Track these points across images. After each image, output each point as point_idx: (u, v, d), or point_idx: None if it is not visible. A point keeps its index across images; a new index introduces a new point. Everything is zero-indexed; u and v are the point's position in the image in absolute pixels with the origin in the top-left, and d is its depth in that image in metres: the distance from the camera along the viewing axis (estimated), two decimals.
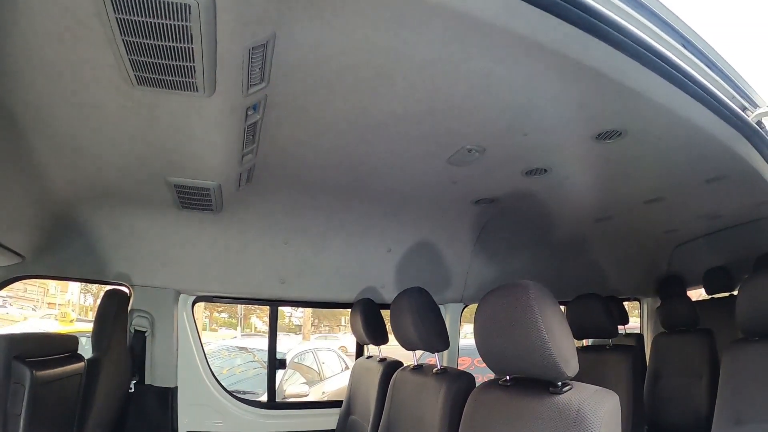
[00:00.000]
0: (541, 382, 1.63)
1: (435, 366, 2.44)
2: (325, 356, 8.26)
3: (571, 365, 1.54)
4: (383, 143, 2.47)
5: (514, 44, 1.63)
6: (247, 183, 2.75)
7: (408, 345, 2.57)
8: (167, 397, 3.32)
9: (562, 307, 3.65)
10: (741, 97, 2.07)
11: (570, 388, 1.57)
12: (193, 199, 2.76)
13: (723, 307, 4.69)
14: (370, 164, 2.73)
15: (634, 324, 6.02)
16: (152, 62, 1.57)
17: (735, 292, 4.74)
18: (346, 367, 8.60)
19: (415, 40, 1.65)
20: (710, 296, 4.98)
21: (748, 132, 2.10)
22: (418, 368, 2.62)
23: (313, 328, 26.22)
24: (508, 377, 1.80)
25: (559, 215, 3.87)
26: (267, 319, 3.98)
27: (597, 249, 4.65)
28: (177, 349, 3.39)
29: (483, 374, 3.00)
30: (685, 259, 5.11)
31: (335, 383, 7.69)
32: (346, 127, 2.27)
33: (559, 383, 1.57)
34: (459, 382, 2.24)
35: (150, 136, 2.10)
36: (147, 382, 3.27)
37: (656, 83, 1.75)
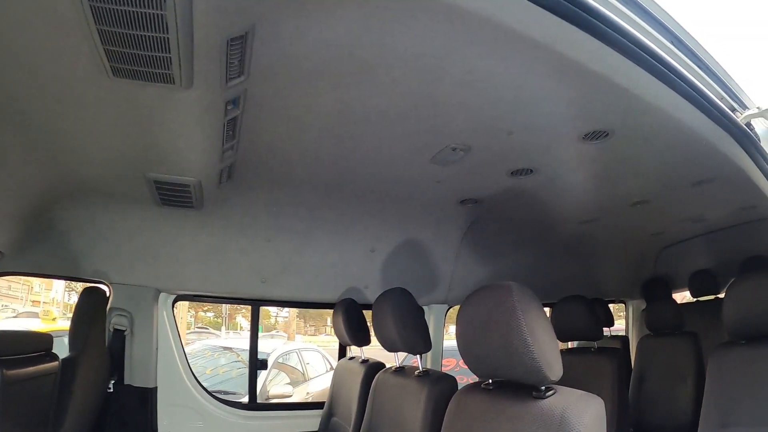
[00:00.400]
0: (524, 386, 1.60)
1: (417, 368, 2.40)
2: (310, 357, 8.20)
3: (554, 369, 1.50)
4: (366, 140, 2.43)
5: (500, 38, 1.60)
6: (228, 180, 2.70)
7: (389, 346, 2.53)
8: (147, 397, 3.25)
9: (548, 310, 3.68)
10: (730, 97, 2.05)
11: (553, 393, 1.53)
12: (173, 196, 2.70)
13: (708, 310, 4.72)
14: (353, 161, 2.69)
15: (619, 326, 6.03)
16: (128, 53, 1.52)
17: (720, 295, 4.79)
18: (331, 368, 8.53)
19: (399, 33, 1.61)
20: (695, 299, 4.99)
21: (737, 133, 2.08)
22: (400, 370, 2.59)
23: (314, 329, 26.15)
24: (490, 381, 1.76)
25: (545, 217, 3.85)
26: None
27: (583, 251, 4.64)
28: (156, 349, 3.33)
29: (468, 376, 2.97)
30: (671, 261, 5.13)
31: (319, 384, 7.62)
32: (328, 123, 2.23)
33: (542, 387, 1.54)
34: (441, 384, 2.20)
35: (128, 129, 2.05)
36: (126, 382, 3.20)
37: (645, 81, 1.72)
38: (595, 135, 2.41)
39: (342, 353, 3.95)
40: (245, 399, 3.88)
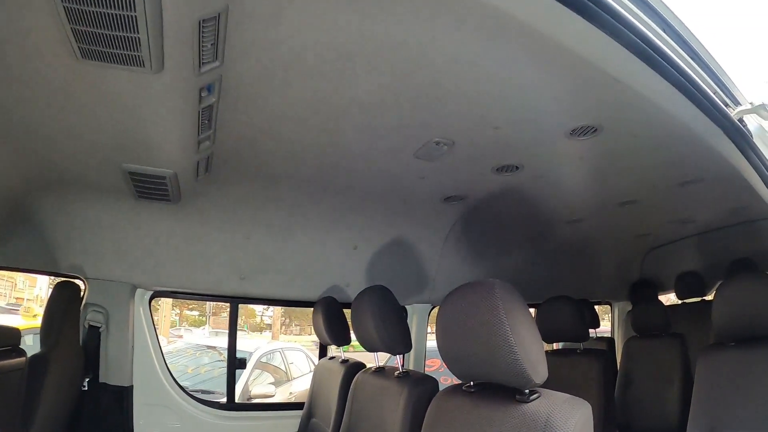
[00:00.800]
0: (507, 389, 1.52)
1: (397, 368, 2.34)
2: (293, 356, 8.11)
3: (539, 372, 1.43)
4: (346, 133, 2.36)
5: (486, 23, 1.53)
6: (206, 173, 2.61)
7: (369, 346, 2.46)
8: (122, 396, 3.16)
9: (533, 310, 3.63)
10: (723, 92, 1.99)
11: (538, 396, 1.46)
12: (149, 189, 2.61)
13: (694, 312, 4.73)
14: (334, 156, 2.62)
15: (604, 328, 6.01)
16: (95, 32, 1.43)
17: (707, 298, 4.80)
18: None
19: (381, 18, 1.54)
20: (681, 301, 4.97)
21: (731, 129, 2.01)
22: (380, 371, 2.51)
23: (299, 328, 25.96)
24: (471, 383, 1.68)
25: (531, 216, 3.80)
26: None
27: (569, 252, 4.60)
28: (133, 347, 3.23)
29: (452, 377, 2.90)
30: (658, 263, 5.12)
31: (303, 384, 7.53)
32: (306, 114, 2.15)
33: (526, 391, 1.46)
34: (421, 386, 2.13)
35: (101, 117, 1.96)
36: (101, 380, 3.10)
37: (637, 69, 1.64)
38: (583, 131, 2.36)
39: (323, 353, 3.87)
40: (223, 399, 3.82)
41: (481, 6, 1.42)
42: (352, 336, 2.84)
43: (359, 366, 2.83)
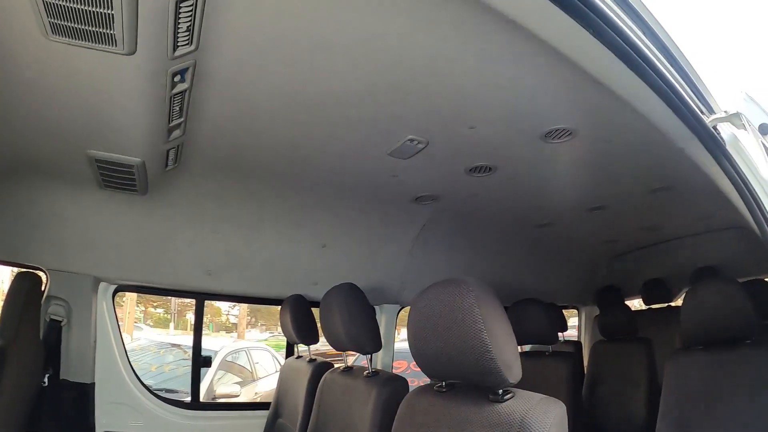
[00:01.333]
0: (480, 389, 1.49)
1: (366, 368, 2.29)
2: (259, 356, 7.99)
3: (513, 371, 1.39)
4: (320, 126, 2.31)
5: (465, 18, 1.52)
6: (175, 164, 2.54)
7: (337, 345, 2.41)
8: (84, 393, 3.03)
9: None
10: (698, 99, 1.99)
11: (512, 396, 1.43)
12: (115, 177, 2.53)
13: (660, 317, 4.83)
14: (306, 150, 2.57)
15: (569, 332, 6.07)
16: (68, 6, 1.37)
17: (672, 304, 4.87)
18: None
19: (360, 8, 1.52)
20: (648, 307, 5.04)
21: (705, 136, 2.02)
22: (348, 370, 2.46)
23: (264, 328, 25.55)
24: (443, 383, 1.64)
25: (502, 219, 3.82)
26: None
27: (538, 255, 4.64)
28: (95, 342, 3.10)
29: (420, 378, 2.87)
30: (624, 269, 5.20)
31: (268, 384, 7.41)
32: (280, 105, 2.10)
33: (500, 391, 1.42)
34: (391, 386, 2.09)
35: (68, 98, 1.87)
36: (62, 376, 2.96)
37: (618, 70, 1.62)
38: (558, 133, 2.37)
39: (290, 352, 3.80)
40: (188, 398, 3.71)
41: (460, 5, 1.41)
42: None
43: (327, 365, 2.78)
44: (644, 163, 2.75)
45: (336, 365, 2.73)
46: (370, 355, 2.28)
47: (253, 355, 7.71)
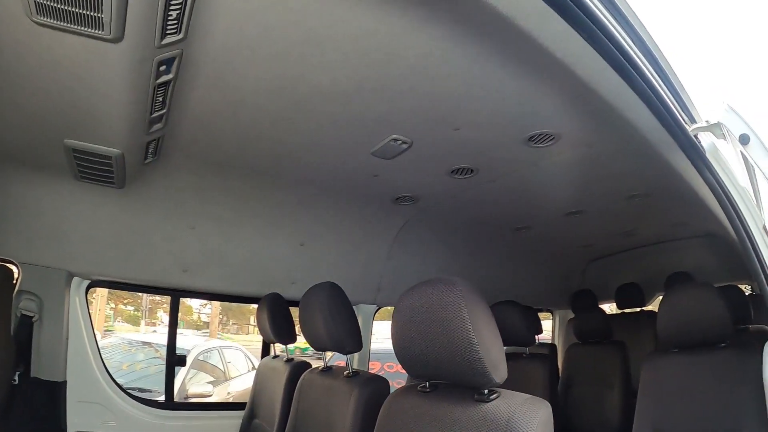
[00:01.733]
0: (465, 389, 1.48)
1: (346, 368, 2.26)
2: (231, 355, 7.88)
3: (500, 371, 1.39)
4: (305, 123, 2.27)
5: (459, 19, 1.51)
6: (154, 157, 2.47)
7: (317, 345, 2.37)
8: (55, 392, 2.91)
9: None
10: (681, 108, 2.01)
11: (497, 396, 1.42)
12: (92, 169, 2.44)
13: (634, 321, 4.90)
14: (289, 146, 2.53)
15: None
16: None
17: (646, 308, 4.94)
18: (253, 368, 8.25)
19: (354, 2, 1.49)
20: (621, 311, 5.10)
21: (687, 144, 2.05)
22: (328, 370, 2.42)
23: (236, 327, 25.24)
24: (426, 383, 1.62)
25: (480, 221, 3.84)
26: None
27: (515, 258, 4.68)
28: (67, 339, 2.98)
29: (392, 380, 2.84)
30: (599, 274, 5.28)
31: (241, 383, 7.33)
32: (266, 99, 2.06)
33: (485, 390, 1.42)
34: (372, 386, 2.06)
35: (48, 84, 1.79)
36: (33, 374, 2.83)
37: (607, 75, 1.64)
38: (541, 138, 2.39)
39: (265, 351, 3.74)
40: (160, 397, 3.61)
41: (455, 6, 1.39)
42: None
43: (304, 365, 2.73)
44: (623, 170, 2.78)
45: (314, 365, 2.69)
46: (349, 356, 2.25)
47: (225, 354, 7.60)
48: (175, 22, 1.48)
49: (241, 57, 1.76)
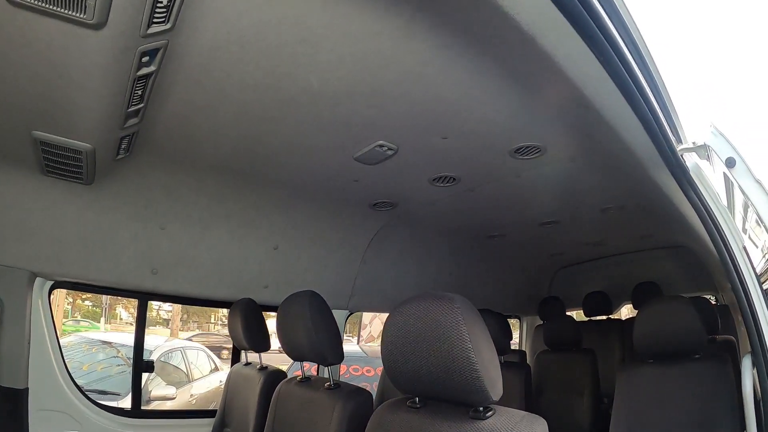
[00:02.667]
0: (459, 405, 1.41)
1: (325, 379, 2.15)
2: (194, 356, 7.63)
3: (496, 388, 1.33)
4: (290, 124, 2.16)
5: (466, 29, 1.44)
6: (127, 153, 2.31)
7: (296, 355, 2.25)
8: (16, 400, 2.67)
9: None
10: (669, 126, 1.99)
11: (493, 413, 1.36)
12: (60, 164, 2.26)
13: (600, 328, 4.96)
14: (270, 147, 2.41)
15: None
16: None
17: (612, 316, 4.99)
18: (216, 368, 8.03)
19: (357, 3, 1.40)
20: (588, 318, 5.12)
21: (673, 163, 2.05)
22: (306, 381, 2.30)
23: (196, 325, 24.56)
24: (416, 398, 1.54)
25: (454, 228, 3.81)
26: (134, 311, 3.44)
27: (486, 265, 4.66)
28: (29, 343, 2.75)
29: (358, 383, 2.75)
30: (567, 281, 5.33)
31: (204, 385, 7.11)
32: (251, 97, 1.94)
33: (481, 408, 1.35)
34: (356, 399, 1.97)
35: (18, 70, 1.61)
36: None
37: (608, 89, 1.59)
38: (527, 150, 2.37)
39: (236, 357, 3.58)
40: (126, 401, 3.40)
41: (477, 7, 1.31)
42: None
43: (280, 375, 2.61)
44: (602, 184, 2.81)
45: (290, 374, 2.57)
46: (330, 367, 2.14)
47: (188, 354, 7.36)
48: (164, 10, 1.34)
49: (228, 52, 1.64)
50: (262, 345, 2.78)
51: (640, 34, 1.66)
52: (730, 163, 1.95)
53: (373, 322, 14.22)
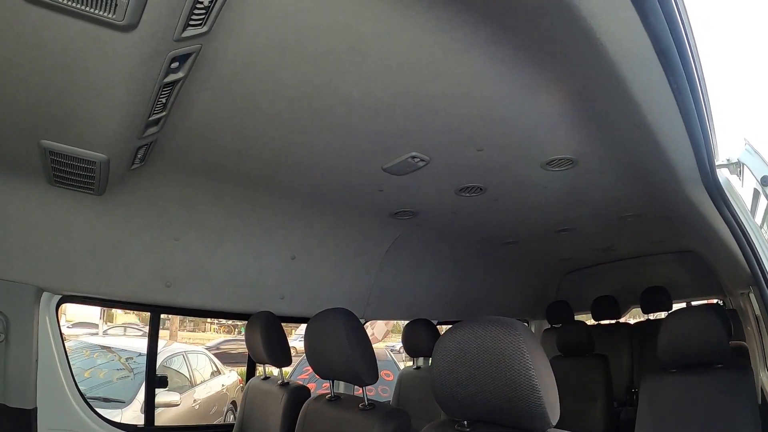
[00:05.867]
0: (513, 429, 1.31)
1: (358, 399, 1.99)
2: (196, 360, 7.44)
3: (555, 412, 1.25)
4: (322, 134, 2.00)
5: (521, 45, 1.36)
6: (142, 163, 2.12)
7: (326, 374, 2.08)
8: (25, 420, 2.47)
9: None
10: (706, 144, 1.92)
11: None
12: (70, 174, 2.06)
13: (610, 332, 4.84)
14: (295, 157, 2.24)
15: None
16: None
17: (621, 320, 4.92)
18: (217, 371, 7.84)
19: (413, 15, 1.28)
20: (597, 322, 5.02)
21: (709, 179, 1.97)
22: (336, 400, 2.13)
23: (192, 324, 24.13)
24: (465, 421, 1.42)
25: (470, 235, 3.70)
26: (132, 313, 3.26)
27: (497, 271, 4.57)
28: (37, 361, 2.54)
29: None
30: (575, 285, 5.25)
31: (206, 389, 6.93)
32: (283, 106, 1.77)
33: None
34: (395, 421, 1.81)
35: (29, 74, 1.42)
36: (0, 401, 2.43)
37: (667, 103, 1.48)
38: (560, 162, 2.28)
39: (251, 370, 3.40)
40: (129, 407, 3.22)
41: (557, 26, 1.20)
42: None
43: (304, 391, 2.44)
44: (626, 194, 2.73)
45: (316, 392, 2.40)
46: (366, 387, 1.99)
47: (190, 358, 7.17)
48: (203, 11, 1.17)
49: (266, 58, 1.47)
50: (283, 359, 2.61)
51: (698, 51, 1.56)
52: (765, 181, 1.95)
53: (375, 324, 14.02)
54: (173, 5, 1.11)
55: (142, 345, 6.57)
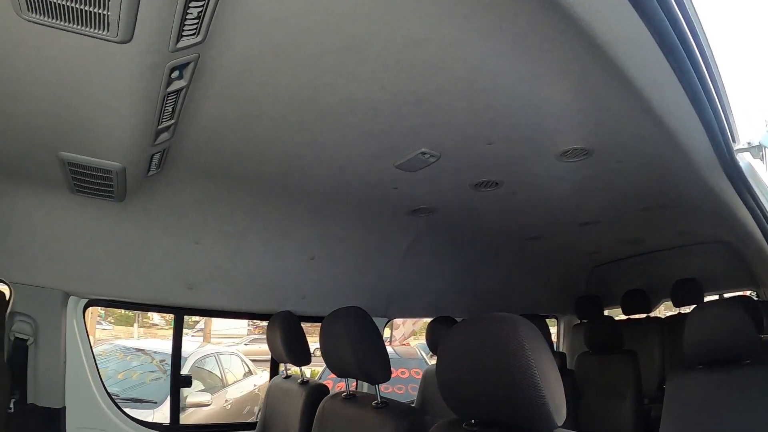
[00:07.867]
0: (518, 429, 1.28)
1: (372, 396, 2.01)
2: (228, 361, 7.59)
3: (561, 413, 1.22)
4: (329, 134, 2.04)
5: (523, 34, 1.33)
6: (158, 169, 2.19)
7: (341, 372, 2.12)
8: (53, 419, 2.60)
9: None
10: (728, 128, 1.87)
11: None
12: (90, 183, 2.15)
13: (640, 327, 4.73)
14: (305, 159, 2.28)
15: None
16: None
17: (651, 314, 4.82)
18: (249, 372, 7.98)
19: (407, 8, 1.28)
20: (627, 317, 4.94)
21: (729, 164, 1.92)
22: (351, 398, 2.16)
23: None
24: (473, 420, 1.40)
25: (492, 231, 3.67)
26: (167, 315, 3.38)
27: (522, 266, 4.52)
28: (65, 362, 2.68)
29: (392, 384, 2.61)
30: (603, 279, 5.17)
31: (238, 389, 7.06)
32: (287, 109, 1.81)
33: None
34: (406, 419, 1.82)
35: (41, 91, 1.50)
36: (30, 400, 2.53)
37: (671, 85, 1.46)
38: (575, 153, 2.24)
39: (274, 369, 3.48)
40: (160, 408, 3.32)
41: (547, 13, 1.20)
42: None
43: (323, 390, 2.49)
44: (647, 183, 2.66)
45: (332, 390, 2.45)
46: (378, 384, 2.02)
47: (222, 360, 7.32)
48: (194, 21, 1.21)
49: (264, 63, 1.51)
50: (303, 359, 2.66)
51: (705, 34, 1.53)
52: None
53: (406, 323, 14.07)
54: (164, 18, 1.16)
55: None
